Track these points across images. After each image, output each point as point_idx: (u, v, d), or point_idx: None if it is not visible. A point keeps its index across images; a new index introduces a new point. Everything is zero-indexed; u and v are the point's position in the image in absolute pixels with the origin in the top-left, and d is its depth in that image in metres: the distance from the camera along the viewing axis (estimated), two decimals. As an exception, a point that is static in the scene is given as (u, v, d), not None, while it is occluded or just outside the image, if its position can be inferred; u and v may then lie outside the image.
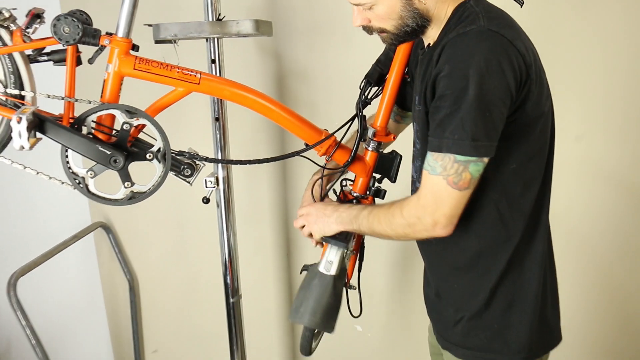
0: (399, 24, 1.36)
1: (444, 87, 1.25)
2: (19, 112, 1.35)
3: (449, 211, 1.28)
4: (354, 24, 1.40)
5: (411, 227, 1.34)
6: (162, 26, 1.94)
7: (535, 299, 1.44)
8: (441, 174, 1.26)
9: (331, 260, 1.58)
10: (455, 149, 1.24)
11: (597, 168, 2.43)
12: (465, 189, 1.27)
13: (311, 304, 1.57)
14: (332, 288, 1.59)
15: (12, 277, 2.05)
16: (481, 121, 1.23)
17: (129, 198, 1.53)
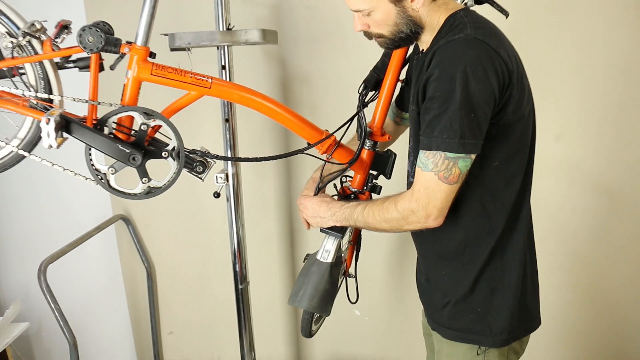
0: (394, 29, 1.37)
1: (433, 89, 1.27)
2: (48, 114, 1.37)
3: (440, 204, 1.31)
4: (355, 28, 1.42)
5: (405, 219, 1.36)
6: (177, 35, 1.95)
7: (516, 286, 1.46)
8: (432, 170, 1.29)
9: (328, 249, 1.60)
10: (445, 146, 1.26)
11: (575, 165, 2.42)
12: (454, 183, 1.30)
13: (309, 289, 1.60)
14: (329, 275, 1.61)
15: (42, 264, 2.06)
16: (467, 121, 1.25)
17: (146, 193, 1.53)
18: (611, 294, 2.57)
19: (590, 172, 2.43)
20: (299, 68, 2.44)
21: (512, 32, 1.46)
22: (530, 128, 1.44)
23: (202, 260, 2.72)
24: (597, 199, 2.46)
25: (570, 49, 2.30)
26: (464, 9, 1.39)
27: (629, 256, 2.51)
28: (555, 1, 2.26)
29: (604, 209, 2.46)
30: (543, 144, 1.59)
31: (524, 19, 2.19)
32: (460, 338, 1.51)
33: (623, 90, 2.34)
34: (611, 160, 2.41)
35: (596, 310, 2.58)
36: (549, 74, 2.31)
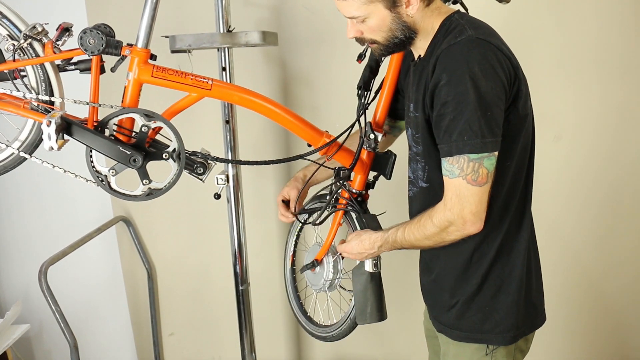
0: (388, 35, 1.38)
1: (445, 94, 1.27)
2: (49, 117, 1.38)
3: (475, 207, 1.30)
4: (348, 35, 1.42)
5: (444, 231, 1.35)
6: (178, 37, 1.96)
7: (521, 283, 1.46)
8: (460, 176, 1.28)
9: (375, 259, 1.62)
10: (467, 149, 1.26)
11: (574, 165, 2.44)
12: (485, 184, 1.29)
13: (375, 303, 1.65)
14: (380, 280, 1.66)
15: (43, 266, 2.06)
16: (485, 120, 1.25)
17: (146, 194, 1.53)
18: (612, 292, 2.58)
19: (589, 172, 2.44)
20: (299, 69, 2.45)
21: (509, 33, 1.47)
22: (532, 125, 1.45)
23: (202, 261, 2.72)
24: (597, 198, 2.47)
25: (567, 49, 2.31)
26: (457, 12, 1.40)
27: (630, 254, 2.52)
28: (550, 3, 2.26)
29: (603, 208, 2.47)
30: (542, 145, 1.60)
31: (520, 19, 2.19)
32: (468, 338, 1.51)
33: (622, 90, 2.35)
34: (610, 160, 2.42)
35: (598, 310, 2.59)
36: (546, 75, 2.32)
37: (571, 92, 2.36)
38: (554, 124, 2.37)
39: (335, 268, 1.76)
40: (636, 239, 2.50)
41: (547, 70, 2.33)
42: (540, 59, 2.31)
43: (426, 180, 1.48)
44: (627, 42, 2.31)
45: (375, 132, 1.65)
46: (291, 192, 1.80)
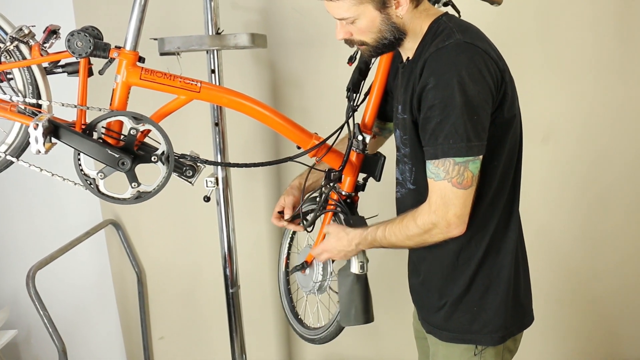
0: (378, 36, 1.38)
1: (432, 97, 1.28)
2: (36, 120, 1.37)
3: (459, 210, 1.31)
4: (337, 37, 1.42)
5: (427, 233, 1.36)
6: (167, 40, 1.96)
7: (509, 283, 1.47)
8: (445, 178, 1.29)
9: (362, 261, 1.62)
10: (453, 152, 1.27)
11: (562, 166, 2.46)
12: (469, 187, 1.30)
13: (360, 305, 1.64)
14: (367, 283, 1.66)
15: (31, 270, 2.04)
16: (471, 124, 1.26)
17: (135, 197, 1.52)
18: (601, 293, 2.59)
19: (577, 173, 2.46)
20: (289, 71, 2.45)
21: (497, 35, 1.48)
22: (519, 126, 1.46)
23: (192, 264, 2.71)
24: (585, 199, 2.49)
25: (555, 50, 2.33)
26: (445, 14, 1.40)
27: (619, 254, 2.54)
28: (539, 6, 2.28)
29: (592, 208, 2.49)
30: (530, 146, 1.61)
31: (509, 21, 2.21)
32: (456, 339, 1.51)
33: (610, 91, 2.37)
34: (599, 161, 2.44)
35: (586, 310, 2.61)
36: (534, 77, 2.34)
37: (559, 93, 2.38)
38: (542, 125, 2.39)
39: (325, 270, 1.76)
40: (625, 239, 2.52)
41: (535, 71, 2.35)
42: (529, 61, 2.33)
43: (413, 182, 1.49)
44: (616, 45, 2.33)
45: (364, 134, 1.65)
46: (287, 199, 1.79)
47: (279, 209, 1.80)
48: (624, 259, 2.54)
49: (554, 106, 2.39)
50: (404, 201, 1.56)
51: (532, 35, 2.33)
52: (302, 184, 1.77)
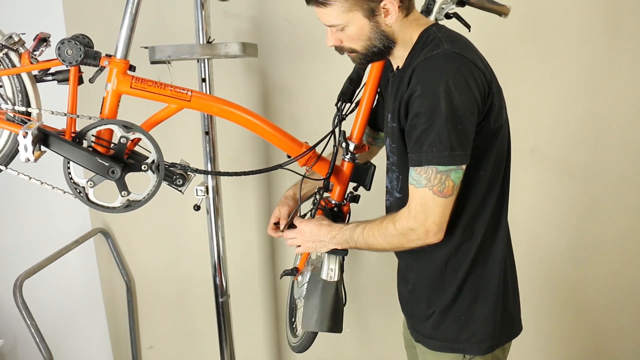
0: (367, 44, 1.39)
1: (418, 106, 1.29)
2: (25, 128, 1.36)
3: (438, 218, 1.32)
4: (328, 44, 1.43)
5: (405, 237, 1.37)
6: (157, 48, 1.96)
7: (497, 292, 1.48)
8: (426, 186, 1.30)
9: (332, 268, 1.61)
10: (436, 160, 1.28)
11: (551, 176, 2.47)
12: (450, 196, 1.31)
13: (322, 311, 1.61)
14: (336, 292, 1.63)
15: (18, 280, 2.02)
16: (455, 133, 1.27)
17: (125, 206, 1.52)
18: (589, 302, 2.61)
19: (566, 182, 2.48)
20: (279, 80, 2.45)
21: (487, 45, 1.49)
22: (507, 136, 1.47)
23: (182, 273, 2.70)
24: (575, 208, 2.50)
25: (544, 60, 2.35)
26: (435, 24, 1.42)
27: (608, 264, 2.55)
28: (528, 16, 2.30)
29: (581, 217, 2.51)
30: (520, 155, 1.62)
31: (498, 31, 2.22)
32: (445, 348, 1.52)
33: (599, 101, 2.39)
34: (588, 170, 2.46)
35: (574, 319, 2.62)
36: (522, 87, 2.36)
37: (548, 103, 2.40)
38: (531, 135, 2.40)
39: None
40: (614, 248, 2.53)
41: (525, 82, 2.36)
42: (518, 71, 2.35)
43: (399, 191, 1.50)
44: (605, 55, 2.35)
45: (349, 142, 1.66)
46: (282, 209, 1.78)
47: (275, 220, 1.78)
48: (614, 268, 2.56)
49: (543, 116, 2.41)
50: (392, 209, 1.57)
51: (521, 46, 2.35)
52: (297, 193, 1.77)
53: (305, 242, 1.60)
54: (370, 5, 1.33)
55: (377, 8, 1.33)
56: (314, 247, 1.58)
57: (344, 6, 1.33)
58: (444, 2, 1.63)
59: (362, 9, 1.33)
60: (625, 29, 2.33)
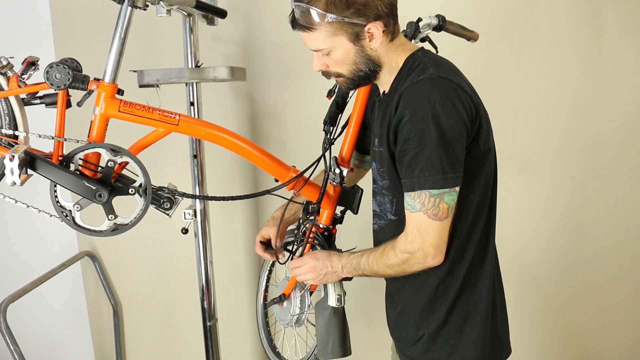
0: (353, 68, 1.40)
1: (407, 131, 1.30)
2: (12, 151, 1.35)
3: (435, 241, 1.33)
4: (314, 68, 1.44)
5: (406, 263, 1.38)
6: (146, 72, 1.96)
7: (486, 315, 1.47)
8: (421, 210, 1.31)
9: (339, 294, 1.63)
10: (429, 184, 1.29)
11: (538, 197, 2.48)
12: (445, 219, 1.32)
13: (337, 337, 1.64)
14: (344, 316, 1.66)
15: (2, 304, 2.00)
16: (446, 156, 1.28)
17: (112, 230, 1.51)
18: (578, 324, 2.61)
19: (553, 204, 2.49)
20: (268, 104, 2.46)
21: (473, 69, 1.51)
22: (494, 160, 1.48)
23: (169, 297, 2.68)
24: (561, 230, 2.51)
25: (529, 84, 2.38)
26: (421, 49, 1.43)
27: (596, 285, 2.56)
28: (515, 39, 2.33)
29: (568, 239, 2.52)
30: (506, 178, 1.63)
31: (484, 56, 2.25)
32: None
33: (583, 123, 2.41)
34: (574, 192, 2.47)
35: (563, 341, 2.61)
36: (509, 110, 2.38)
37: (534, 126, 2.42)
38: (517, 157, 2.42)
39: (303, 303, 1.75)
40: (601, 269, 2.54)
41: (510, 105, 2.38)
42: (504, 94, 2.37)
43: (395, 213, 1.50)
44: (589, 77, 2.38)
45: (341, 167, 1.67)
46: (270, 230, 1.79)
47: (261, 238, 1.80)
48: (603, 288, 2.56)
49: (529, 139, 2.43)
50: (383, 232, 1.57)
51: (507, 69, 2.37)
52: (281, 214, 1.77)
53: (317, 274, 1.58)
54: (355, 29, 1.34)
55: (361, 32, 1.35)
56: (327, 278, 1.58)
57: (329, 30, 1.34)
58: (422, 27, 1.68)
59: (346, 33, 1.34)
60: (610, 52, 2.36)
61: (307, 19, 1.34)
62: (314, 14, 1.32)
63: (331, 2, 1.31)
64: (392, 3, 1.37)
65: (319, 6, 1.31)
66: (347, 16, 1.31)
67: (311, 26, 1.35)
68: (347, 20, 1.32)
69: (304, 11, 1.34)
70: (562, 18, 2.33)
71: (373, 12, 1.33)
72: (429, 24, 1.67)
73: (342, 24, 1.33)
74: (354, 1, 1.31)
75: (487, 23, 1.75)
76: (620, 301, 2.58)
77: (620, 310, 2.58)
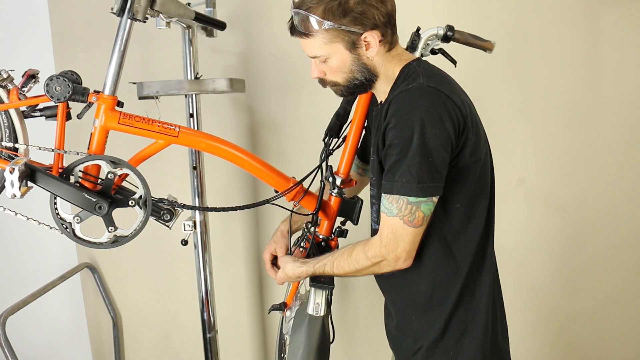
0: (349, 76, 1.41)
1: (392, 137, 1.31)
2: (12, 163, 1.36)
3: (408, 246, 1.35)
4: (312, 75, 1.45)
5: (376, 265, 1.39)
6: (145, 84, 1.97)
7: (485, 327, 1.47)
8: (397, 215, 1.32)
9: (319, 302, 1.60)
10: (404, 191, 1.30)
11: (538, 207, 2.48)
12: (419, 226, 1.33)
13: (308, 346, 1.60)
14: (322, 328, 1.62)
15: (1, 317, 1.99)
16: (425, 165, 1.28)
17: (112, 242, 1.51)
18: (580, 335, 2.60)
19: (553, 213, 2.49)
20: (267, 115, 2.47)
21: (471, 80, 1.51)
22: (488, 170, 1.48)
23: (169, 308, 2.68)
24: (562, 239, 2.51)
25: (527, 94, 2.39)
26: (416, 59, 1.44)
27: (597, 295, 2.55)
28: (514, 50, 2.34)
29: (569, 249, 2.51)
30: (506, 188, 1.62)
31: (481, 66, 2.26)
32: None
33: (582, 134, 2.42)
34: (574, 201, 2.47)
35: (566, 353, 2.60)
36: (507, 120, 2.38)
37: (533, 136, 2.42)
38: (517, 167, 2.42)
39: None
40: (602, 279, 2.54)
41: (509, 115, 2.39)
42: (502, 105, 2.38)
43: (377, 222, 1.50)
44: (587, 89, 2.39)
45: (336, 176, 1.68)
46: (278, 248, 1.76)
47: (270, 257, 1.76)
48: (605, 299, 2.56)
49: (529, 149, 2.43)
50: None
51: (504, 80, 2.38)
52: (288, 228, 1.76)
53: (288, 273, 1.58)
54: (352, 37, 1.35)
55: (358, 40, 1.36)
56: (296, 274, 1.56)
57: (326, 37, 1.35)
58: (429, 38, 1.67)
59: (343, 40, 1.35)
60: (608, 62, 2.37)
61: (305, 25, 1.35)
62: (312, 21, 1.33)
63: (329, 10, 1.32)
64: (390, 13, 1.38)
65: (317, 13, 1.32)
66: (344, 24, 1.32)
67: (309, 33, 1.36)
68: (344, 28, 1.33)
69: (302, 18, 1.35)
70: (560, 27, 2.35)
71: (370, 21, 1.34)
72: (435, 35, 1.67)
73: (339, 31, 1.34)
74: (351, 9, 1.32)
75: (484, 32, 1.74)
76: (622, 311, 2.57)
77: (622, 320, 2.58)
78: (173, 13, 1.68)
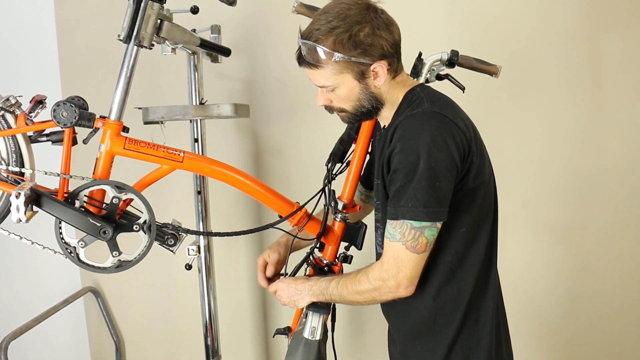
0: (356, 105, 1.42)
1: (397, 162, 1.32)
2: (18, 188, 1.37)
3: (410, 273, 1.33)
4: (318, 103, 1.46)
5: (377, 290, 1.37)
6: (151, 109, 1.99)
7: (490, 352, 1.45)
8: (400, 240, 1.31)
9: (315, 326, 1.58)
10: (410, 215, 1.29)
11: (543, 230, 2.48)
12: (422, 252, 1.32)
13: None
14: (318, 352, 1.59)
15: (4, 342, 1.98)
16: (432, 190, 1.28)
17: (116, 266, 1.51)
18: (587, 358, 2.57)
19: (558, 236, 2.48)
20: (271, 140, 2.48)
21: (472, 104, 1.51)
22: (492, 192, 1.48)
23: (173, 333, 2.66)
24: (567, 262, 2.50)
25: (531, 118, 2.40)
26: (420, 85, 1.45)
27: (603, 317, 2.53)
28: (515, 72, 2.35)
29: (574, 271, 2.50)
30: (511, 211, 1.62)
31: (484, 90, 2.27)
32: None
33: (585, 156, 2.42)
34: (577, 225, 2.46)
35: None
36: (511, 143, 2.39)
37: (537, 159, 2.43)
38: (521, 190, 2.42)
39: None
40: (608, 301, 2.52)
41: (511, 140, 2.40)
42: (506, 128, 2.39)
43: (382, 246, 1.50)
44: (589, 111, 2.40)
45: (338, 201, 1.68)
46: (272, 255, 1.75)
47: (262, 262, 1.75)
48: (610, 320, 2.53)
49: (533, 171, 2.43)
50: None
51: (507, 105, 2.39)
52: (289, 243, 1.74)
53: (282, 298, 1.59)
54: (361, 68, 1.36)
55: (367, 71, 1.37)
56: (293, 301, 1.57)
57: (335, 68, 1.36)
58: (433, 63, 1.68)
59: (352, 71, 1.36)
60: (609, 83, 2.38)
61: (314, 56, 1.36)
62: (320, 52, 1.34)
63: (339, 42, 1.33)
64: (397, 43, 1.39)
65: (327, 45, 1.33)
66: (353, 55, 1.33)
67: (318, 64, 1.36)
68: (354, 60, 1.34)
69: (310, 49, 1.36)
70: (562, 55, 2.36)
71: (378, 52, 1.35)
72: (439, 60, 1.67)
73: (348, 62, 1.35)
74: (361, 41, 1.33)
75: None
76: (628, 335, 2.55)
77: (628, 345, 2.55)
78: (179, 40, 1.70)
